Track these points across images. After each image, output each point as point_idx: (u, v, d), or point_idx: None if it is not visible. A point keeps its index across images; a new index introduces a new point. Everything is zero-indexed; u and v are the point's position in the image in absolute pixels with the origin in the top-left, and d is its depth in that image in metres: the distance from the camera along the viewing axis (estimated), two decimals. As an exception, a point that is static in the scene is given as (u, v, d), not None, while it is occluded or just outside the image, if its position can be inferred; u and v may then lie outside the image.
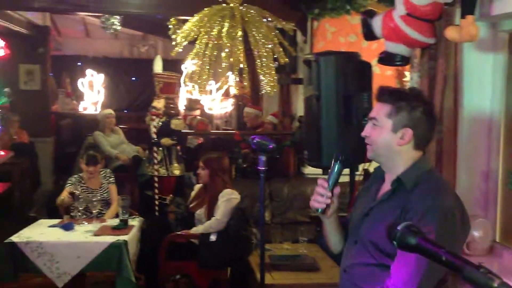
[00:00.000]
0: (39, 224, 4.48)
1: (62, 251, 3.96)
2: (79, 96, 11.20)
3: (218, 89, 9.53)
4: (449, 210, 1.81)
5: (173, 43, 7.45)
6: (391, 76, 5.73)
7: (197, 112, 9.30)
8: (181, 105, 8.75)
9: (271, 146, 2.07)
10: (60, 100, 10.49)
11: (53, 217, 4.80)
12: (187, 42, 4.99)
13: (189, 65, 9.55)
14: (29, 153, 8.29)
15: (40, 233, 4.19)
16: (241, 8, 4.86)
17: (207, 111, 9.74)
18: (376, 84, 2.32)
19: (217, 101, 9.70)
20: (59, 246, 3.98)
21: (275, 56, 4.97)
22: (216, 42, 4.92)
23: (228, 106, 9.26)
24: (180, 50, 5.08)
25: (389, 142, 1.95)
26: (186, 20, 7.25)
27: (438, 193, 1.86)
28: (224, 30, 4.70)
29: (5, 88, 9.30)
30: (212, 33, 4.90)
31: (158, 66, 6.07)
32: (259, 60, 4.92)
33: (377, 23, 3.16)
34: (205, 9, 5.00)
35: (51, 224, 4.39)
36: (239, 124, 9.07)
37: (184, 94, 9.40)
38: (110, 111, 7.54)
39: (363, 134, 2.02)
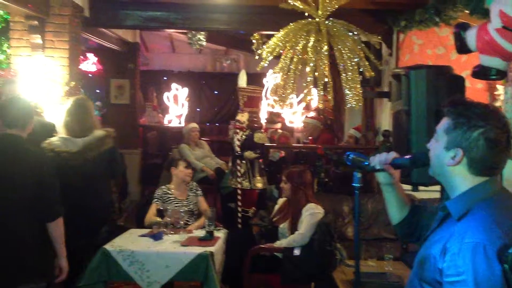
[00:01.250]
0: (130, 234, 4.66)
1: (152, 260, 4.09)
2: (164, 109, 11.61)
3: (299, 103, 9.59)
4: (483, 247, 1.56)
5: (257, 57, 7.59)
6: (482, 90, 5.53)
7: (278, 125, 9.38)
8: (263, 119, 8.86)
9: (366, 163, 2.04)
10: (147, 113, 10.89)
11: (141, 226, 4.99)
12: (272, 57, 5.04)
13: (271, 79, 9.74)
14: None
15: (131, 242, 4.35)
16: (326, 22, 4.86)
17: (288, 124, 9.81)
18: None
19: (298, 114, 9.75)
20: (150, 255, 4.12)
21: (360, 70, 4.93)
22: (301, 56, 4.95)
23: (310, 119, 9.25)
24: (266, 64, 5.14)
25: (441, 160, 1.78)
26: (270, 35, 7.39)
27: (483, 228, 1.61)
28: (310, 44, 4.72)
29: (97, 102, 9.81)
30: (297, 47, 4.94)
31: (242, 81, 6.17)
32: (344, 74, 4.90)
33: (471, 36, 3.08)
34: (290, 24, 5.05)
35: (141, 234, 4.54)
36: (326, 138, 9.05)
37: (266, 107, 9.53)
38: (195, 125, 7.75)
39: (427, 146, 1.87)
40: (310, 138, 7.90)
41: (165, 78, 12.43)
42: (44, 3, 5.21)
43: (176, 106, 11.51)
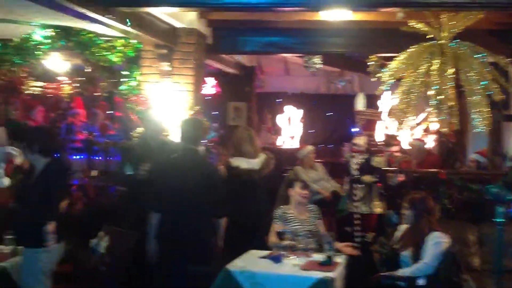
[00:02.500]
0: (250, 254, 4.72)
1: (273, 282, 4.11)
2: (278, 131, 11.73)
3: (417, 125, 9.28)
4: None
5: (373, 79, 7.49)
6: None
7: (395, 148, 9.14)
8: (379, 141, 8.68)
9: (509, 197, 1.93)
10: (262, 135, 11.06)
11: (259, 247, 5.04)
12: (394, 80, 4.95)
13: (387, 101, 9.55)
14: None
15: (252, 263, 4.41)
16: (451, 44, 4.70)
17: (405, 147, 9.52)
18: None
19: (416, 137, 9.43)
20: (271, 278, 4.14)
21: (488, 93, 4.70)
22: (423, 79, 4.82)
23: (429, 142, 8.93)
24: (386, 88, 5.06)
25: None
26: (387, 57, 7.27)
27: None
28: (434, 67, 4.58)
29: (214, 123, 10.16)
30: (419, 70, 4.82)
31: (360, 104, 6.11)
32: (470, 98, 4.70)
33: None
34: (412, 46, 4.94)
35: (262, 256, 4.59)
36: (442, 161, 8.70)
37: (382, 130, 9.32)
38: (311, 147, 7.73)
39: None
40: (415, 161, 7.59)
41: (279, 100, 12.57)
42: (173, 33, 5.53)
43: (290, 128, 11.58)
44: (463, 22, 4.74)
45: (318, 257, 4.56)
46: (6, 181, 4.69)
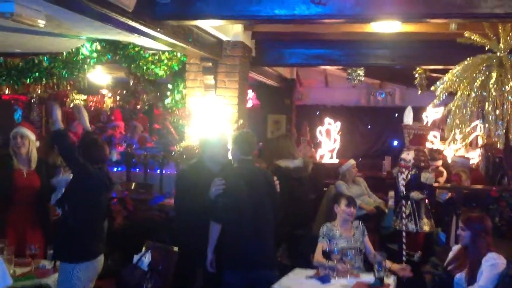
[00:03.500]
0: (296, 273, 4.60)
1: (321, 304, 3.98)
2: (317, 144, 11.58)
3: (463, 139, 9.01)
4: None
5: (419, 92, 7.29)
6: None
7: (439, 162, 8.87)
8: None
9: None
10: (302, 148, 10.93)
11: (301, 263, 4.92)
12: (447, 94, 4.78)
13: (432, 114, 9.31)
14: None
15: (298, 283, 4.29)
16: (510, 57, 4.51)
17: (450, 161, 9.25)
18: None
19: (461, 151, 9.15)
20: (319, 299, 4.02)
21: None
22: (479, 93, 4.63)
23: (475, 157, 8.65)
24: (439, 102, 4.88)
25: None
26: (435, 70, 7.08)
27: None
28: (492, 81, 4.39)
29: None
30: (475, 83, 4.63)
31: (408, 117, 5.90)
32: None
33: None
34: (467, 58, 4.76)
35: (309, 275, 4.46)
36: (488, 177, 8.40)
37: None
38: (353, 161, 7.59)
39: None
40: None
41: (318, 112, 12.44)
42: (218, 46, 5.48)
43: (329, 141, 11.43)
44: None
45: (367, 277, 4.40)
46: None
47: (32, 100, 9.65)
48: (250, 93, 9.96)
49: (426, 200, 5.99)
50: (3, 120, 9.40)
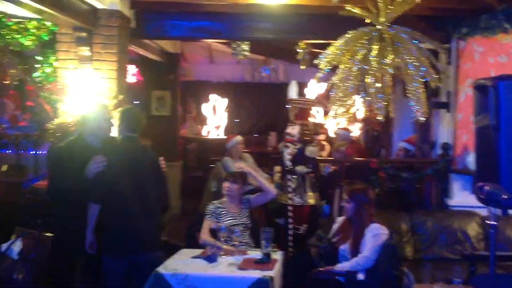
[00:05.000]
0: (181, 254, 4.42)
1: (208, 284, 3.84)
2: (203, 121, 11.44)
3: (345, 112, 9.26)
4: None
5: (301, 67, 7.31)
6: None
7: (322, 136, 9.08)
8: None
9: (505, 197, 1.74)
10: (188, 125, 10.73)
11: (192, 244, 4.77)
12: (330, 67, 4.77)
13: (315, 89, 9.47)
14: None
15: (184, 264, 4.12)
16: (390, 30, 4.57)
17: (331, 135, 9.51)
18: None
19: (341, 125, 9.43)
20: (205, 280, 3.86)
21: (425, 79, 4.62)
22: (361, 66, 4.66)
23: (355, 131, 8.94)
24: (322, 76, 4.87)
25: None
26: (315, 44, 7.12)
27: None
28: (373, 53, 4.43)
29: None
30: (357, 57, 4.65)
31: (293, 92, 5.90)
32: (409, 85, 4.60)
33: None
34: (349, 32, 4.77)
35: (195, 256, 4.30)
36: (367, 149, 8.73)
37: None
38: (240, 138, 7.50)
39: None
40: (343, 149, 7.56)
41: (203, 88, 12.27)
42: (93, 14, 5.06)
43: (215, 117, 11.33)
44: (401, 7, 4.60)
45: (255, 254, 4.33)
46: None
47: None
48: (134, 69, 9.54)
49: (311, 174, 6.07)
50: None
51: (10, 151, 7.19)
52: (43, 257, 4.19)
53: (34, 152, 6.87)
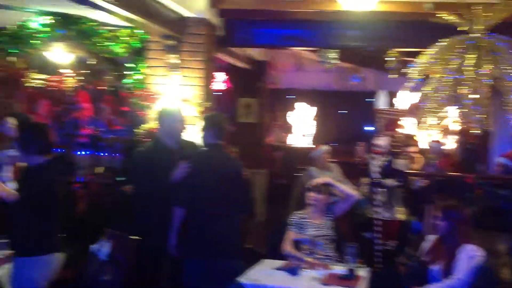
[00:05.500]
0: (263, 265, 4.34)
1: (289, 299, 3.74)
2: (289, 129, 11.36)
3: (438, 125, 8.84)
4: None
5: (390, 76, 7.04)
6: None
7: (413, 148, 8.71)
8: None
9: None
10: (274, 133, 10.70)
11: (274, 253, 4.69)
12: (422, 77, 4.53)
13: (406, 99, 9.11)
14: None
15: (266, 275, 4.03)
16: (487, 38, 4.26)
17: (423, 147, 9.10)
18: None
19: (434, 137, 9.00)
20: (287, 294, 3.76)
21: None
22: (455, 76, 4.39)
23: (449, 143, 8.49)
24: (413, 86, 4.63)
25: None
26: (409, 53, 6.84)
27: None
28: (468, 63, 4.15)
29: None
30: (450, 66, 4.39)
31: (381, 102, 5.67)
32: (506, 96, 4.27)
33: None
34: (443, 40, 4.51)
35: (277, 267, 4.21)
36: (462, 164, 8.26)
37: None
38: (326, 147, 7.35)
39: None
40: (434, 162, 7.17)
41: (291, 96, 12.19)
42: (181, 23, 5.13)
43: (302, 126, 11.21)
44: (499, 13, 4.30)
45: (339, 269, 4.16)
46: (14, 185, 4.32)
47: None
48: (223, 76, 9.65)
49: (400, 188, 5.80)
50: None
51: (105, 154, 7.45)
52: (130, 259, 4.24)
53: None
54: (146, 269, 4.29)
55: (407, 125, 8.99)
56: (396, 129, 5.91)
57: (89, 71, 8.55)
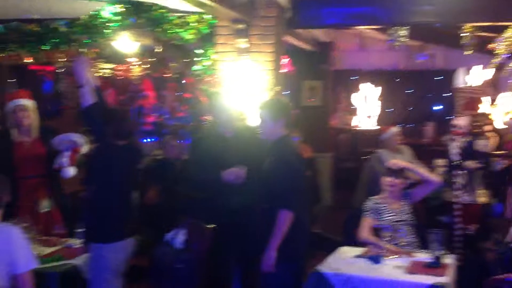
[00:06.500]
0: (342, 253, 4.21)
1: (374, 288, 3.60)
2: (353, 111, 11.12)
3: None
4: None
5: (466, 52, 6.68)
6: None
7: (488, 127, 8.29)
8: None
9: None
10: (338, 115, 10.50)
11: (349, 240, 4.56)
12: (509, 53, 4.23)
13: (478, 76, 8.68)
14: (311, 168, 8.35)
15: (346, 263, 3.91)
16: None
17: (499, 126, 8.66)
18: None
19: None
20: (371, 283, 3.63)
21: None
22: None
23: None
24: (499, 61, 4.34)
25: None
26: (482, 27, 6.46)
27: None
28: None
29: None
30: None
31: (460, 80, 5.38)
32: None
33: None
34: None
35: (357, 255, 4.07)
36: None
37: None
38: (397, 129, 7.09)
39: None
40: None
41: (354, 77, 11.90)
42: (250, 6, 5.02)
43: (366, 107, 10.94)
44: None
45: (423, 256, 3.99)
46: (72, 171, 4.35)
47: (60, 70, 9.37)
48: (286, 59, 9.50)
49: (481, 169, 5.51)
50: (33, 92, 9.16)
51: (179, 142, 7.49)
52: (205, 249, 4.22)
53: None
54: (218, 260, 4.22)
55: (483, 104, 8.59)
56: (476, 108, 5.59)
57: (154, 60, 8.63)
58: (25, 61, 5.28)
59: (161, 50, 6.34)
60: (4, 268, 3.18)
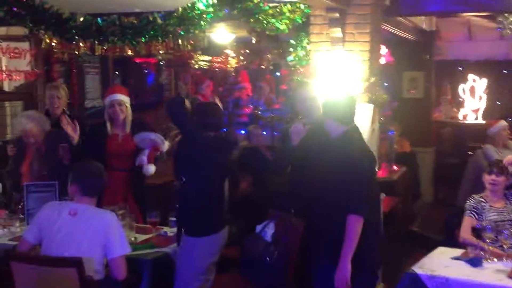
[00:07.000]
0: (440, 253, 3.98)
1: (472, 293, 3.36)
2: (459, 104, 10.59)
3: None
4: None
5: None
6: None
7: None
8: None
9: None
10: (442, 108, 10.03)
11: (451, 241, 4.32)
12: None
13: None
14: (410, 163, 8.06)
15: (444, 265, 3.68)
16: None
17: None
18: None
19: None
20: (469, 287, 3.39)
21: None
22: None
23: None
24: None
25: None
26: None
27: None
28: None
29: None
30: None
31: None
32: None
33: None
34: None
35: (456, 256, 3.83)
36: None
37: None
38: (504, 123, 6.65)
39: None
40: None
41: (460, 68, 11.29)
42: (346, -7, 4.87)
43: (473, 100, 10.34)
44: None
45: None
46: (152, 168, 4.48)
47: (161, 62, 9.73)
48: (384, 49, 9.17)
49: None
50: (136, 84, 9.63)
51: (265, 132, 7.50)
52: (295, 242, 4.15)
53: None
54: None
55: None
56: None
57: (250, 51, 8.71)
58: (128, 53, 5.46)
59: (257, 41, 6.34)
60: (100, 252, 3.33)
